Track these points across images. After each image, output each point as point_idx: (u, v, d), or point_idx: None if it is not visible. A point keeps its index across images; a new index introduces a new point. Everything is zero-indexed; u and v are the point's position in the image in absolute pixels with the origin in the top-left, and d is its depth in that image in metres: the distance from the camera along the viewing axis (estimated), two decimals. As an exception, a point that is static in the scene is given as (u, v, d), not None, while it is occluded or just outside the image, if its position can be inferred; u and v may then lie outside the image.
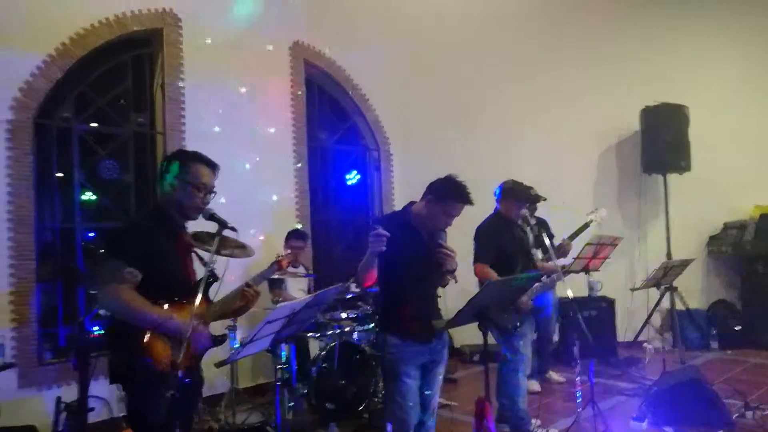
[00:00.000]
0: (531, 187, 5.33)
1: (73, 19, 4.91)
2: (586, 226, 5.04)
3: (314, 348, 5.03)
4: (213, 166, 2.66)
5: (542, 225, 5.66)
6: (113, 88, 5.36)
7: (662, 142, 7.01)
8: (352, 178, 7.24)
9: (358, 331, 4.99)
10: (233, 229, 2.60)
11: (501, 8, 7.55)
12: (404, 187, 7.39)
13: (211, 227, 2.67)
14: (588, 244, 4.79)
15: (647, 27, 7.55)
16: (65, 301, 5.07)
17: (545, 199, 5.45)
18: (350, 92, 7.01)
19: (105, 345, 3.57)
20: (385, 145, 7.42)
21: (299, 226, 6.06)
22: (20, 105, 4.62)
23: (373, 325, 5.06)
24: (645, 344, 6.87)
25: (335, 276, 5.71)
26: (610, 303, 6.70)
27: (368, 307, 5.19)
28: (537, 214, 5.52)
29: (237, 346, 4.84)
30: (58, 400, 3.53)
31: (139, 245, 2.44)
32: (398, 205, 7.25)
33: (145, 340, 2.34)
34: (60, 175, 5.10)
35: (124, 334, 2.39)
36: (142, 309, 2.36)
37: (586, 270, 4.91)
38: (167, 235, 2.62)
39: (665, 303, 7.01)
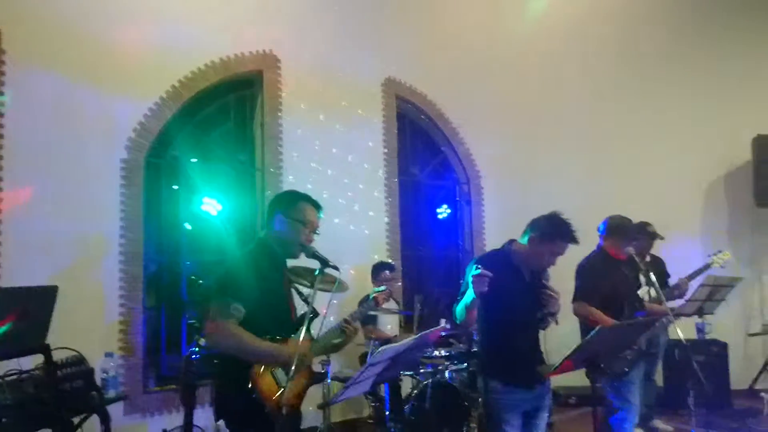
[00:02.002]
0: (648, 224, 5.06)
1: (182, 63, 5.22)
2: (707, 267, 4.69)
3: (406, 386, 4.95)
4: (318, 208, 2.77)
5: (657, 263, 5.33)
6: (217, 127, 5.63)
7: (777, 173, 6.51)
8: (443, 212, 7.19)
9: (451, 370, 4.86)
10: (335, 267, 2.62)
11: (599, 41, 7.37)
12: (496, 221, 7.25)
13: (307, 263, 2.70)
14: (703, 285, 4.46)
15: (760, 48, 7.10)
16: (168, 331, 5.29)
17: (662, 238, 5.13)
18: (440, 125, 7.03)
19: (207, 377, 3.70)
20: (476, 179, 7.34)
21: (389, 260, 6.05)
22: (134, 145, 4.92)
23: (466, 364, 4.92)
24: (763, 394, 6.28)
25: (427, 312, 5.64)
26: (722, 347, 6.20)
27: (461, 346, 5.07)
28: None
29: (329, 381, 4.85)
30: (164, 431, 3.63)
31: (247, 281, 2.50)
32: (489, 240, 7.16)
33: (253, 377, 2.37)
34: (166, 209, 5.37)
35: (231, 371, 2.44)
36: (252, 343, 2.41)
37: (699, 313, 4.56)
38: (272, 271, 2.67)
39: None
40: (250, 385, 2.37)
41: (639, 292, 4.28)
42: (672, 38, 7.28)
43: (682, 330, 3.89)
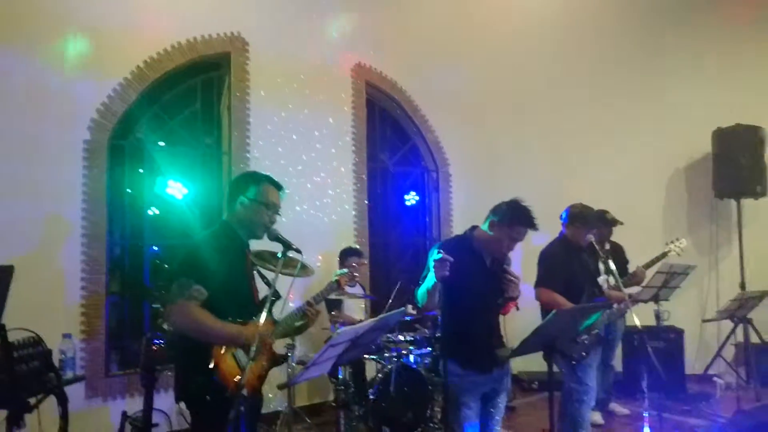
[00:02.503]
0: (606, 211, 5.18)
1: (147, 44, 5.13)
2: (664, 255, 4.83)
3: (371, 370, 5.00)
4: (280, 188, 2.76)
5: (617, 250, 5.46)
6: (183, 109, 5.55)
7: (736, 165, 6.68)
8: (411, 199, 7.23)
9: (415, 354, 4.93)
10: (298, 250, 2.62)
11: (566, 31, 7.45)
12: (463, 209, 7.33)
13: (272, 247, 2.71)
14: (659, 272, 4.59)
15: (721, 45, 7.26)
16: (132, 314, 5.24)
17: (622, 223, 5.26)
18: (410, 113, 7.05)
19: (169, 361, 3.68)
20: (444, 166, 7.40)
21: (355, 245, 6.08)
22: (97, 126, 4.84)
23: (430, 349, 4.99)
24: (715, 378, 6.50)
25: (396, 300, 5.68)
26: (678, 334, 6.39)
27: (426, 330, 5.14)
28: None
29: (294, 365, 4.88)
30: (124, 414, 3.61)
31: (208, 263, 2.49)
32: (457, 227, 7.24)
33: (214, 358, 2.38)
34: (130, 191, 5.29)
35: (191, 353, 2.44)
36: (212, 324, 2.42)
37: (655, 299, 4.69)
38: (234, 254, 2.67)
39: (738, 335, 6.63)
40: (210, 367, 2.38)
41: (599, 279, 4.40)
42: (635, 33, 7.39)
43: (640, 317, 4.00)
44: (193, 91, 5.63)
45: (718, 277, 7.13)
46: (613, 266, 4.23)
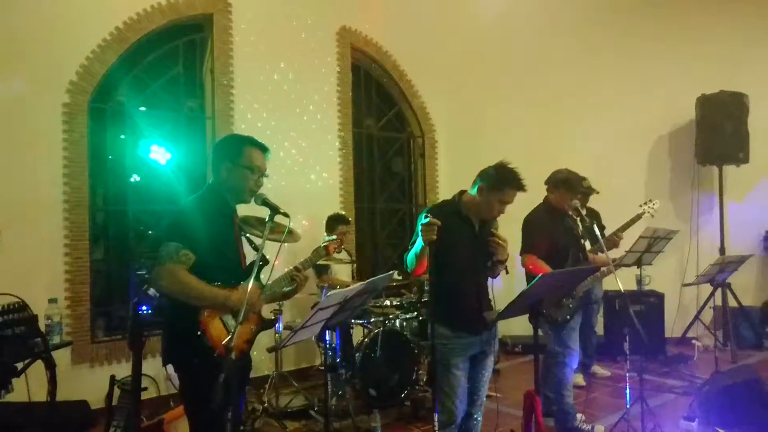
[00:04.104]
0: (584, 178, 5.23)
1: (126, 3, 4.99)
2: (638, 217, 4.88)
3: (357, 335, 5.04)
4: (265, 150, 2.70)
5: (593, 216, 5.54)
6: (165, 72, 5.44)
7: (719, 132, 6.73)
8: (397, 165, 7.18)
9: (402, 319, 4.98)
10: (286, 214, 2.59)
11: (550, 3, 7.38)
12: (449, 175, 7.33)
13: (260, 212, 2.68)
14: (642, 237, 4.64)
15: (704, 12, 7.23)
16: (117, 280, 5.21)
17: (598, 192, 5.34)
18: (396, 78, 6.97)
19: (155, 325, 3.67)
20: (430, 132, 7.36)
21: (342, 212, 6.07)
22: (76, 88, 4.72)
23: (416, 313, 5.04)
24: (694, 341, 6.67)
25: (378, 263, 5.71)
26: (659, 298, 6.52)
27: (412, 295, 5.18)
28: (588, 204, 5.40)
29: (282, 330, 4.91)
30: (113, 378, 3.62)
31: (195, 228, 2.47)
32: (443, 193, 7.25)
33: (201, 321, 2.38)
34: (112, 157, 5.21)
35: (179, 316, 2.44)
36: (200, 288, 2.40)
37: (638, 263, 4.76)
38: (221, 219, 2.64)
39: (717, 299, 6.77)
40: (198, 331, 2.38)
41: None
42: (620, 1, 7.33)
43: (622, 281, 4.05)
44: (175, 54, 5.51)
45: (698, 243, 7.24)
46: (597, 231, 4.27)
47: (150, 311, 3.79)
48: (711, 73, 6.99)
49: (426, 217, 2.74)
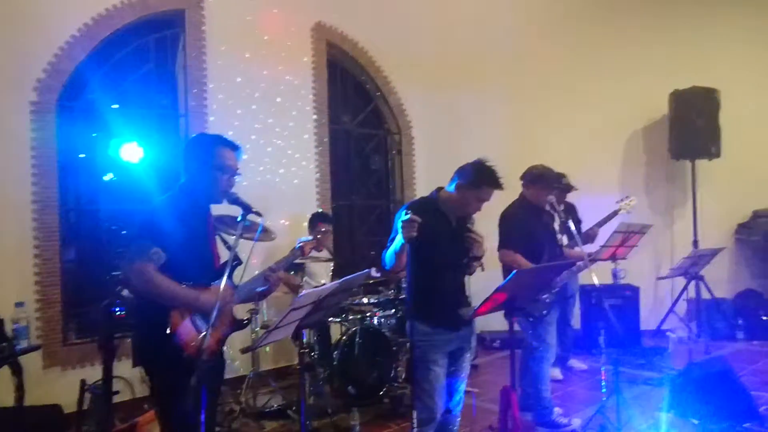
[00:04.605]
0: (563, 175, 5.28)
1: (95, -1, 4.89)
2: (615, 213, 4.94)
3: (335, 333, 5.02)
4: (235, 148, 2.66)
5: (570, 211, 5.58)
6: (137, 69, 5.34)
7: (692, 127, 6.83)
8: (374, 161, 7.15)
9: (380, 316, 4.96)
10: (258, 213, 2.56)
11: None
12: (427, 172, 7.32)
13: (235, 211, 2.64)
14: (616, 231, 4.69)
15: (677, 8, 7.32)
16: (89, 282, 5.10)
17: (576, 189, 5.38)
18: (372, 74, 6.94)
19: (129, 327, 3.61)
20: (407, 128, 7.35)
21: (320, 210, 6.03)
22: (44, 86, 4.61)
23: (394, 310, 5.03)
24: (669, 333, 6.76)
25: (357, 261, 5.68)
26: (634, 291, 6.59)
27: (390, 293, 5.16)
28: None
29: (258, 329, 4.85)
30: (83, 382, 3.54)
31: (167, 227, 2.42)
32: (420, 190, 7.24)
33: (172, 322, 2.33)
34: (83, 156, 5.10)
35: (149, 316, 2.39)
36: (170, 287, 2.36)
37: (613, 258, 4.81)
38: (193, 218, 2.60)
39: (690, 291, 6.88)
40: (168, 331, 2.33)
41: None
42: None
43: (598, 276, 4.10)
44: (146, 51, 5.40)
45: (672, 236, 7.35)
46: (573, 227, 4.31)
47: (124, 312, 3.73)
48: (683, 69, 7.07)
49: (406, 213, 2.73)
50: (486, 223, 3.55)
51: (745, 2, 7.35)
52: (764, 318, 6.93)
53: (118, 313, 3.81)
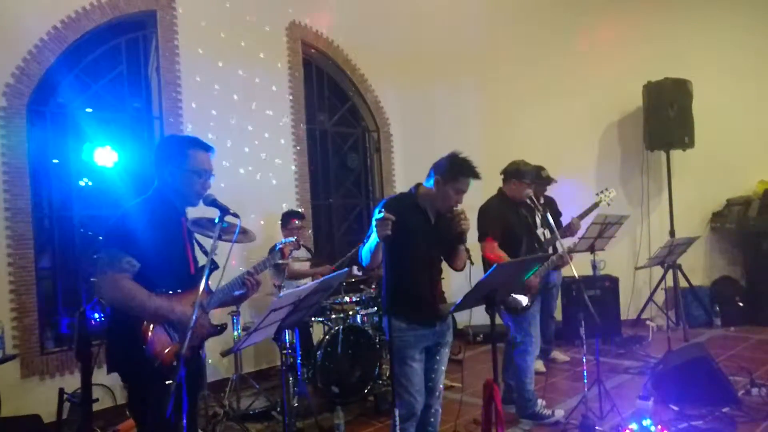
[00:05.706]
0: (542, 168, 5.32)
1: (64, 1, 4.80)
2: (595, 206, 4.99)
3: (318, 332, 5.00)
4: (208, 149, 2.61)
5: (550, 203, 5.63)
6: (108, 72, 5.25)
7: (665, 118, 6.91)
8: (353, 160, 7.13)
9: (362, 315, 4.95)
10: (235, 215, 2.52)
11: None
12: (405, 169, 7.32)
13: (212, 213, 2.61)
14: (594, 223, 4.73)
15: (649, 0, 7.40)
16: (65, 289, 5.02)
17: (555, 181, 5.43)
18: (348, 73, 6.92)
19: (104, 334, 3.55)
20: (385, 126, 7.34)
21: (299, 209, 5.99)
22: (13, 91, 4.52)
23: (376, 308, 5.03)
24: (648, 322, 6.86)
25: (336, 260, 5.65)
26: (613, 281, 6.67)
27: (371, 291, 5.16)
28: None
29: (239, 332, 4.82)
30: (61, 391, 3.48)
31: (139, 234, 2.37)
32: (399, 187, 7.24)
33: (147, 335, 2.29)
34: (56, 161, 5.01)
35: (122, 324, 2.35)
36: (143, 299, 2.30)
37: (591, 249, 4.85)
38: (168, 222, 2.54)
39: (668, 280, 6.98)
40: (141, 340, 2.29)
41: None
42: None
43: (577, 267, 4.13)
44: (118, 53, 5.32)
45: (649, 226, 7.44)
46: (551, 220, 4.35)
47: (103, 319, 3.67)
48: (656, 61, 7.15)
49: (380, 212, 2.71)
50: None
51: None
52: (740, 305, 7.05)
53: (97, 319, 3.77)
